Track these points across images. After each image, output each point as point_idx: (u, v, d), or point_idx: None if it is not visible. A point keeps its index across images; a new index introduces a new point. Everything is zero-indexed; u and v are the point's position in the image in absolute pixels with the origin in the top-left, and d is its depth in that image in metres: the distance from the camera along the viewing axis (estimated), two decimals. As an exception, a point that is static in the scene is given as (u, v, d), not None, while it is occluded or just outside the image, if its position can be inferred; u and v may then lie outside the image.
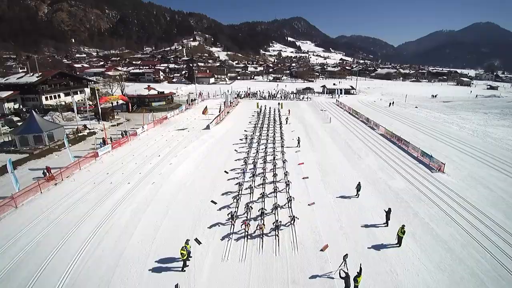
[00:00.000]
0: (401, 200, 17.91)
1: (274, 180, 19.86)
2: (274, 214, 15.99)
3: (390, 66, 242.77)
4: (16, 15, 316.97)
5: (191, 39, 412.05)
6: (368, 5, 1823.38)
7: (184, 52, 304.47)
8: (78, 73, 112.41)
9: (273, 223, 14.34)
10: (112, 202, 17.38)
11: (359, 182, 18.30)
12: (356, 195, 18.11)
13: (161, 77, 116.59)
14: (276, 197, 18.00)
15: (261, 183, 19.69)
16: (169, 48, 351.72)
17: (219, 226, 15.06)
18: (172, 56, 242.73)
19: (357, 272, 10.30)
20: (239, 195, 17.75)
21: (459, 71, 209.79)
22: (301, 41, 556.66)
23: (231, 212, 15.29)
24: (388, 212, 14.90)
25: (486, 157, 27.45)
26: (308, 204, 17.11)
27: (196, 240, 13.64)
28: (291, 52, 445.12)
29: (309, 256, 12.51)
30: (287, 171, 20.98)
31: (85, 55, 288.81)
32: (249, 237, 14.11)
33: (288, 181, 19.19)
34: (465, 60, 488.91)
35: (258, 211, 15.88)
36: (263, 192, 17.99)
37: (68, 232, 14.64)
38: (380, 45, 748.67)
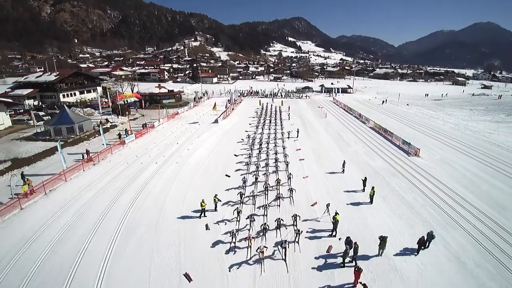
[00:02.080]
0: (378, 174, 22.09)
1: (278, 186, 18.92)
2: (278, 230, 14.72)
3: (389, 66, 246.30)
4: (20, 16, 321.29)
5: (192, 39, 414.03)
6: (369, 5, 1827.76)
7: (186, 52, 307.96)
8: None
9: (281, 245, 12.97)
10: (145, 177, 21.59)
11: (344, 160, 22.49)
12: (342, 171, 22.26)
13: (166, 76, 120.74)
14: (279, 206, 17.18)
15: (263, 190, 18.59)
16: (170, 49, 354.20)
17: (234, 189, 19.37)
18: (174, 56, 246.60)
19: (335, 212, 14.45)
20: (241, 206, 16.69)
21: (456, 71, 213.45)
22: (302, 41, 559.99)
23: (233, 230, 13.80)
24: (364, 180, 19.07)
25: (461, 146, 31.51)
26: (303, 177, 21.31)
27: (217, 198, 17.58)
28: (291, 52, 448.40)
29: (302, 209, 16.66)
30: (290, 173, 20.37)
31: (88, 55, 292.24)
32: (251, 260, 12.79)
33: (292, 188, 18.11)
34: (465, 60, 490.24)
35: (260, 226, 14.50)
36: (266, 204, 16.71)
37: (114, 197, 18.79)
38: (381, 45, 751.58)
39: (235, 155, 26.40)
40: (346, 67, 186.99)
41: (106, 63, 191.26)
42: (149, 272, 12.03)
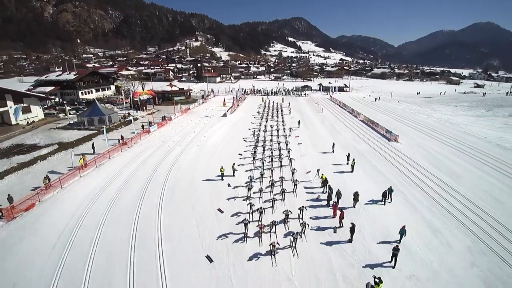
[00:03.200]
0: (361, 154, 27.33)
1: (281, 181, 20.22)
2: (286, 223, 15.72)
3: (387, 66, 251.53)
4: (23, 16, 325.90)
5: (193, 39, 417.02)
6: (369, 5, 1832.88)
7: (188, 52, 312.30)
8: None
9: (292, 235, 13.89)
10: (174, 155, 26.83)
11: (334, 143, 27.74)
12: (332, 151, 27.45)
13: (171, 76, 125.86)
14: (283, 200, 18.28)
15: (269, 185, 19.59)
16: (172, 49, 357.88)
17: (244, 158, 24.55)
18: (176, 57, 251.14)
19: (321, 174, 19.66)
20: (250, 200, 17.71)
21: (453, 70, 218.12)
22: (302, 41, 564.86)
23: (245, 219, 14.94)
24: (348, 155, 24.29)
25: (437, 135, 36.60)
26: (300, 155, 26.54)
27: (234, 166, 22.81)
28: (291, 52, 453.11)
29: (299, 174, 21.84)
30: (294, 169, 21.84)
31: (91, 55, 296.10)
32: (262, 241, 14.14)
33: (296, 180, 19.63)
34: (465, 60, 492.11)
35: (270, 223, 15.21)
36: (273, 198, 17.73)
37: (153, 168, 23.99)
38: (381, 45, 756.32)
39: (244, 140, 31.66)
40: (345, 67, 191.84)
41: (110, 63, 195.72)
42: (192, 209, 17.29)
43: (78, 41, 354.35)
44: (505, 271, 12.88)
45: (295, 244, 13.55)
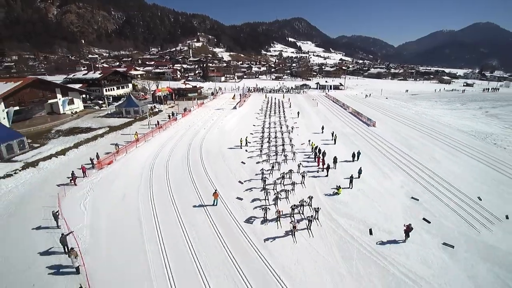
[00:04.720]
0: (344, 135, 35.85)
1: (290, 174, 22.36)
2: (299, 213, 17.61)
3: (384, 66, 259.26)
4: (29, 17, 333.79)
5: (195, 40, 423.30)
6: (369, 5, 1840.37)
7: (191, 52, 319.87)
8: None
9: (308, 218, 16.23)
10: (201, 135, 35.32)
11: (323, 126, 36.10)
12: (322, 132, 35.87)
13: (178, 76, 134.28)
14: (293, 190, 20.50)
15: (280, 177, 22.15)
16: (174, 49, 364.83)
17: (253, 133, 32.96)
18: (180, 57, 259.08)
19: (312, 142, 28.01)
20: (266, 189, 20.05)
21: (447, 70, 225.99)
22: (302, 41, 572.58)
23: (264, 206, 17.30)
24: (332, 133, 32.70)
25: (411, 123, 44.80)
26: (297, 135, 34.93)
27: (247, 139, 31.22)
28: (291, 52, 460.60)
29: (296, 144, 30.22)
30: (300, 163, 24.74)
31: (96, 56, 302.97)
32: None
33: (304, 172, 22.50)
34: (464, 60, 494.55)
35: (290, 207, 17.45)
36: (286, 190, 19.83)
37: (188, 142, 32.42)
38: (381, 45, 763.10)
39: (253, 125, 40.14)
40: (343, 67, 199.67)
41: (117, 63, 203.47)
42: (224, 163, 25.84)
43: (83, 41, 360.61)
44: (421, 189, 21.24)
45: (310, 226, 16.09)
